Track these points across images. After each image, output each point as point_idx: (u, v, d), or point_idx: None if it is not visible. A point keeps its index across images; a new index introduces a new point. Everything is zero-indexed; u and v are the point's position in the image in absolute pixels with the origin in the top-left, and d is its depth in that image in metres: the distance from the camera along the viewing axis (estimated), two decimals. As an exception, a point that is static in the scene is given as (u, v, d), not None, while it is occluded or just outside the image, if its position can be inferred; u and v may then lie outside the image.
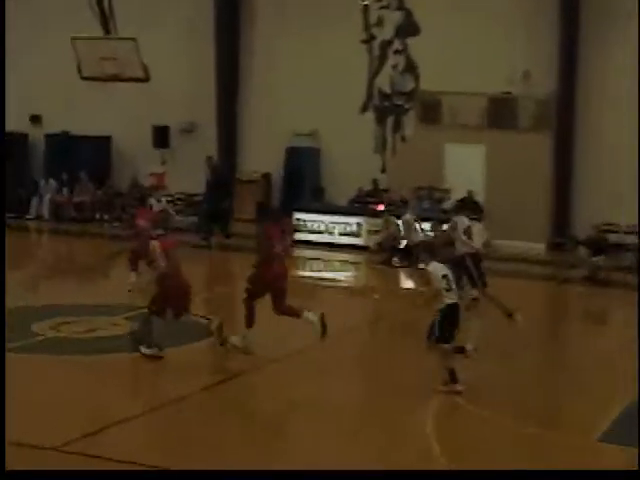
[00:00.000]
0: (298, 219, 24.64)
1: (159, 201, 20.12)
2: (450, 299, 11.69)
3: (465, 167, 24.66)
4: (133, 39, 23.60)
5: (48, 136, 29.66)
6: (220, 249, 24.25)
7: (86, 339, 14.06)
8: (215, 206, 24.83)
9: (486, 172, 24.73)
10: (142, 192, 21.88)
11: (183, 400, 11.26)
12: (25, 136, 30.14)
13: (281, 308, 13.22)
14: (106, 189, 28.06)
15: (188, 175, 27.18)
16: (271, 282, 13.13)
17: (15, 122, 29.39)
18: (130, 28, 24.17)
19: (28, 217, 27.65)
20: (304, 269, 23.33)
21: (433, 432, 10.52)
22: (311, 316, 13.17)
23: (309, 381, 12.40)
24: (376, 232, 23.42)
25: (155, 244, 12.63)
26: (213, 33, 27.72)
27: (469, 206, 23.97)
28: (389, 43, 26.69)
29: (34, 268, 21.87)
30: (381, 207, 24.15)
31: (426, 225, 22.77)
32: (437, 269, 11.73)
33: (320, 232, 24.57)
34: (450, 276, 11.74)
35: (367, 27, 26.89)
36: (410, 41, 26.29)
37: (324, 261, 23.47)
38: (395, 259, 22.12)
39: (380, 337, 15.93)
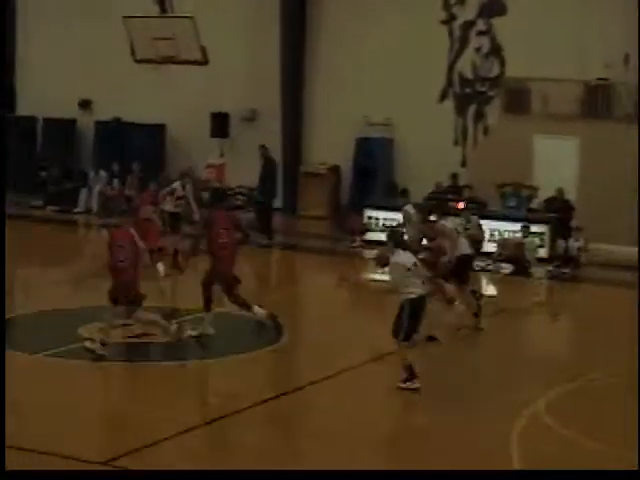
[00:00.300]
0: (369, 217, 24.45)
1: (184, 187, 20.14)
2: (414, 293, 11.94)
3: (556, 162, 24.26)
4: (191, 17, 23.67)
5: (98, 123, 29.90)
6: (283, 247, 24.24)
7: (137, 345, 14.08)
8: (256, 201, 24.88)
9: (579, 167, 24.31)
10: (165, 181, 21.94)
11: (237, 414, 11.16)
12: (73, 122, 30.44)
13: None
14: (160, 182, 28.09)
15: (249, 167, 27.10)
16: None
17: (63, 107, 29.69)
18: (187, 6, 24.25)
19: (76, 211, 27.85)
20: (375, 272, 23.21)
21: (509, 453, 10.33)
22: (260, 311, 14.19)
23: (373, 397, 12.31)
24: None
25: (106, 234, 12.82)
26: (278, 13, 27.69)
27: (558, 205, 23.68)
28: (472, 24, 26.47)
29: (82, 265, 21.98)
30: (461, 205, 23.88)
31: (513, 226, 22.56)
32: (402, 260, 12.01)
33: (393, 231, 24.34)
34: (417, 268, 12.09)
35: (447, 6, 26.71)
36: (495, 21, 26.06)
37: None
38: (476, 262, 21.87)
39: (457, 349, 15.73)
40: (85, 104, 30.31)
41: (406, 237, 16.62)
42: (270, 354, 13.94)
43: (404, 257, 12.14)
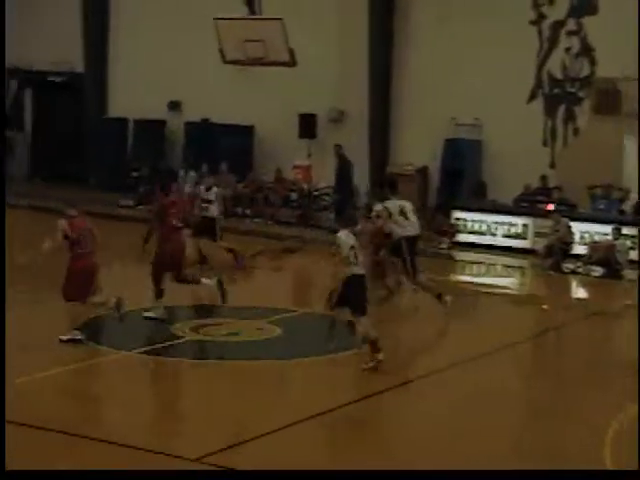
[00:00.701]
0: (457, 218, 24.36)
1: (209, 189, 20.18)
2: (355, 271, 12.67)
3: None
4: (279, 19, 23.85)
5: (188, 124, 30.21)
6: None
7: (228, 343, 14.20)
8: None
9: (671, 169, 23.88)
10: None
11: (325, 415, 11.16)
12: (163, 123, 30.81)
13: (179, 277, 15.03)
14: (248, 182, 28.31)
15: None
16: (173, 256, 14.89)
17: (153, 109, 30.07)
18: (275, 8, 24.43)
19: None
20: (463, 273, 23.11)
21: (601, 456, 10.18)
22: (209, 282, 15.08)
23: (458, 401, 12.17)
24: (544, 234, 22.91)
25: (62, 222, 13.30)
26: (366, 14, 27.69)
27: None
28: (562, 23, 26.18)
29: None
30: (551, 207, 23.66)
31: (603, 228, 22.25)
32: (347, 238, 12.76)
33: (481, 233, 24.22)
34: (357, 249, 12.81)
35: (536, 5, 26.46)
36: (586, 21, 25.74)
37: (485, 265, 23.13)
38: (566, 265, 21.67)
39: (546, 354, 15.57)
40: (175, 105, 30.65)
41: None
42: (353, 357, 13.82)
43: (347, 237, 12.82)
